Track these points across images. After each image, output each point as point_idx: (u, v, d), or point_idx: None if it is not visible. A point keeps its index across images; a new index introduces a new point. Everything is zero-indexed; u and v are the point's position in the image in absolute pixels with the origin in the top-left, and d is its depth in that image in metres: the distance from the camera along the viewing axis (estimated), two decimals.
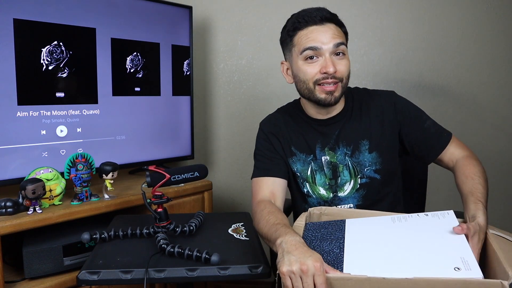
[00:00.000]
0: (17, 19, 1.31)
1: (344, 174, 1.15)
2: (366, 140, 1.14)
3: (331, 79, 1.06)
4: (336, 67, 1.06)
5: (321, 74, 1.06)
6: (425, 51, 1.89)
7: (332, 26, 1.07)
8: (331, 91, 1.07)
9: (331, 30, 1.06)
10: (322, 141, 1.16)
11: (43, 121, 1.41)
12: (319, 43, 1.05)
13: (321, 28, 1.06)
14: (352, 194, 1.15)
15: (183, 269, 0.87)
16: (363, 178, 1.14)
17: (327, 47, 1.05)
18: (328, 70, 1.05)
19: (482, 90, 1.89)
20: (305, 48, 1.07)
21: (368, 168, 1.14)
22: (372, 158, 1.14)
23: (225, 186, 2.13)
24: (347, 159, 1.14)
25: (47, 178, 1.29)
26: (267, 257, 0.95)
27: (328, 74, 1.05)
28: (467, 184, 1.00)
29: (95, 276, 0.86)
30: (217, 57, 2.06)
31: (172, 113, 1.80)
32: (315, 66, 1.07)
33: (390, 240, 0.86)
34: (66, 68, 1.45)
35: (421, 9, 1.87)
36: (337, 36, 1.07)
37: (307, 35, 1.07)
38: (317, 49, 1.06)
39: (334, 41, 1.05)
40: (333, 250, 0.85)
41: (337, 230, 0.93)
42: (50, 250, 1.24)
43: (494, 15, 1.84)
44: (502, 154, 1.92)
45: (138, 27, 1.64)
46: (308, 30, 1.07)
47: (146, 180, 0.98)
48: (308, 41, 1.06)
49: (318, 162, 1.16)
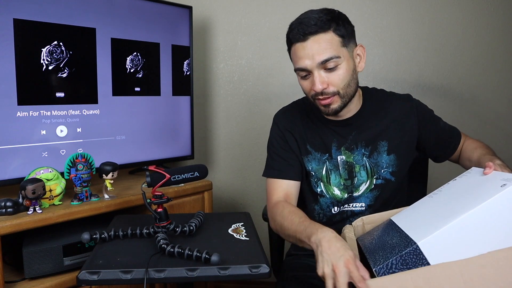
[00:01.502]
0: (17, 19, 1.31)
1: (361, 175, 1.14)
2: (385, 141, 1.14)
3: (322, 96, 1.04)
4: (327, 81, 1.02)
5: (313, 91, 1.04)
6: (425, 51, 1.89)
7: (318, 38, 1.00)
8: (327, 104, 1.05)
9: (316, 45, 1.00)
10: (338, 141, 1.15)
11: (43, 121, 1.41)
12: (304, 63, 1.02)
13: (306, 45, 1.01)
14: (366, 194, 1.15)
15: (183, 269, 0.87)
16: (378, 179, 1.14)
17: (312, 66, 1.01)
18: (314, 88, 1.03)
19: (482, 90, 1.89)
20: (296, 69, 1.06)
21: (385, 170, 1.14)
22: (389, 160, 1.14)
23: (225, 186, 2.13)
24: (365, 160, 1.14)
25: (47, 178, 1.29)
26: (267, 257, 0.95)
27: (317, 92, 1.03)
28: (476, 153, 1.11)
29: (95, 276, 0.86)
30: (217, 57, 2.06)
31: (172, 113, 1.80)
32: (308, 83, 1.06)
33: (443, 212, 0.84)
34: (66, 68, 1.45)
35: (421, 9, 1.87)
36: (323, 51, 1.00)
37: (295, 53, 1.04)
38: (305, 70, 1.03)
39: (318, 58, 1.00)
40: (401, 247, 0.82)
41: (392, 230, 0.90)
42: (50, 250, 1.24)
43: (494, 15, 1.84)
44: (502, 154, 1.91)
45: (138, 27, 1.64)
46: (295, 47, 1.04)
47: (146, 180, 0.98)
48: (296, 61, 1.04)
49: (334, 162, 1.15)
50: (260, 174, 1.28)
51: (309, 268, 1.18)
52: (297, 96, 1.24)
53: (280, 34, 2.00)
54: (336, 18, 1.03)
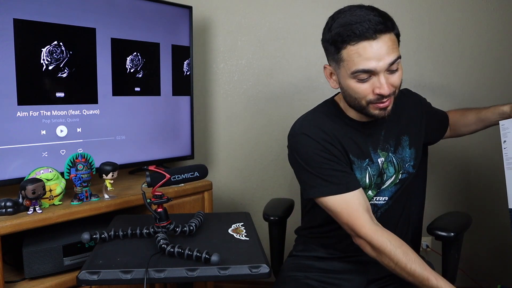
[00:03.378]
0: (17, 19, 1.31)
1: (390, 171, 1.13)
2: (406, 135, 1.15)
3: (384, 99, 0.98)
4: (390, 84, 0.97)
5: (374, 95, 0.97)
6: (425, 51, 1.89)
7: (386, 37, 0.93)
8: (385, 107, 1.00)
9: (386, 45, 0.93)
10: (372, 143, 1.11)
11: (43, 121, 1.41)
12: (373, 64, 0.93)
13: (375, 45, 0.92)
14: (390, 188, 1.14)
15: (183, 269, 0.87)
16: (404, 173, 1.14)
17: (381, 68, 0.93)
18: (382, 92, 0.95)
19: (482, 90, 1.89)
20: (358, 70, 0.94)
21: (408, 164, 1.15)
22: (411, 153, 1.15)
23: (225, 186, 2.13)
24: (391, 156, 1.13)
25: (47, 178, 1.29)
26: (267, 257, 0.95)
27: (385, 95, 0.97)
28: (468, 116, 1.27)
29: (95, 276, 0.86)
30: (217, 57, 2.06)
31: (172, 113, 1.80)
32: (367, 86, 0.97)
33: None
34: (66, 68, 1.45)
35: (421, 9, 1.87)
36: (392, 51, 0.94)
37: (359, 52, 0.93)
38: (371, 71, 0.94)
39: (390, 59, 0.93)
40: None
41: None
42: (50, 250, 1.24)
43: (494, 15, 1.84)
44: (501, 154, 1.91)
45: (138, 27, 1.64)
46: (360, 46, 0.92)
47: (146, 180, 0.98)
48: (361, 61, 0.93)
49: (376, 166, 1.10)
50: (260, 174, 1.28)
51: (308, 269, 1.18)
52: (297, 96, 1.24)
53: (280, 34, 2.01)
54: (390, 16, 0.98)
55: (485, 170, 1.92)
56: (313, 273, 1.16)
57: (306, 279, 1.14)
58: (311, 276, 1.15)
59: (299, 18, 1.94)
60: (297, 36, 1.97)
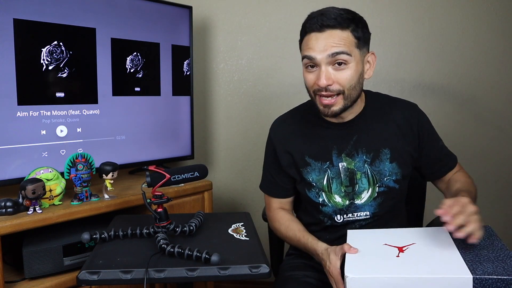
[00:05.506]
0: (17, 19, 1.31)
1: (362, 182, 1.11)
2: (387, 149, 1.11)
3: (325, 92, 1.02)
4: (333, 79, 1.00)
5: (317, 85, 1.03)
6: (425, 51, 1.89)
7: (334, 33, 0.99)
8: (328, 105, 1.03)
9: (330, 38, 0.99)
10: (339, 147, 1.12)
11: (43, 121, 1.41)
12: (314, 52, 1.00)
13: (319, 36, 1.00)
14: (369, 202, 1.12)
15: (183, 269, 0.87)
16: (381, 187, 1.12)
17: (321, 57, 1.00)
18: (319, 83, 1.01)
19: (482, 90, 1.89)
20: (303, 56, 1.04)
21: (388, 178, 1.11)
22: (392, 168, 1.11)
23: (225, 186, 2.13)
24: (366, 167, 1.11)
25: (47, 178, 1.29)
26: (267, 257, 0.95)
27: (321, 87, 1.01)
28: (456, 185, 1.11)
29: (95, 276, 0.86)
30: (217, 57, 2.06)
31: (172, 113, 1.80)
32: (312, 76, 1.04)
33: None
34: (66, 68, 1.45)
35: (421, 9, 1.87)
36: (336, 44, 0.99)
37: (307, 42, 1.03)
38: (312, 59, 1.01)
39: (330, 50, 0.99)
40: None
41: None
42: (50, 250, 1.24)
43: (494, 15, 1.84)
44: (502, 154, 1.91)
45: (138, 27, 1.64)
46: (309, 37, 1.02)
47: (146, 180, 0.98)
48: (306, 49, 1.03)
49: (335, 169, 1.12)
50: (260, 174, 1.28)
51: (306, 268, 1.18)
52: (297, 96, 1.25)
53: (280, 34, 2.01)
54: (357, 20, 1.03)
55: (485, 170, 1.92)
56: (311, 272, 1.16)
57: (305, 277, 1.14)
58: (310, 275, 1.15)
59: (299, 18, 1.94)
60: (297, 36, 1.96)
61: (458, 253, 0.84)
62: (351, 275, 0.81)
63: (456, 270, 0.78)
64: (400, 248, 0.89)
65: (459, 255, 0.83)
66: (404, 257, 0.85)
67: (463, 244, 0.87)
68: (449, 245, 0.88)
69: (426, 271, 0.79)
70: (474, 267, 0.78)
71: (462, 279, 0.76)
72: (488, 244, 0.88)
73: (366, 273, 0.81)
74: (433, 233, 0.95)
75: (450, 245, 0.88)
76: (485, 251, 0.85)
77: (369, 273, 0.81)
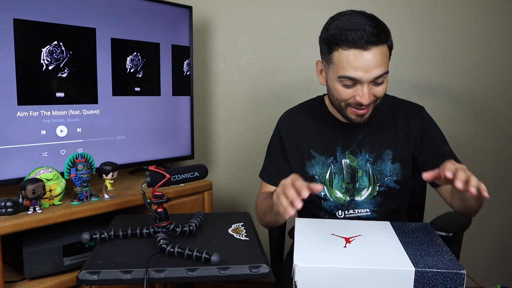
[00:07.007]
0: (17, 19, 1.31)
1: (363, 180, 1.13)
2: (390, 149, 1.13)
3: (362, 106, 1.01)
4: (372, 94, 1.00)
5: (354, 101, 1.01)
6: (425, 51, 1.89)
7: (377, 50, 0.95)
8: (362, 114, 1.04)
9: (376, 58, 0.95)
10: (344, 144, 1.14)
11: (43, 121, 1.41)
12: (360, 74, 0.96)
13: (365, 55, 0.95)
14: (369, 200, 1.14)
15: (183, 269, 0.87)
16: (381, 186, 1.13)
17: (367, 79, 0.97)
18: (362, 102, 0.99)
19: (482, 90, 1.89)
20: (344, 76, 0.98)
21: (389, 178, 1.13)
22: (394, 168, 1.13)
23: (225, 186, 2.13)
24: (368, 166, 1.13)
25: (47, 178, 1.29)
26: (267, 257, 0.95)
27: (364, 104, 1.00)
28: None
29: (95, 276, 0.86)
30: (217, 57, 2.06)
31: (172, 113, 1.80)
32: (350, 91, 1.00)
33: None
34: (66, 68, 1.45)
35: (421, 9, 1.88)
36: (380, 65, 0.96)
37: (348, 59, 0.96)
38: (356, 80, 0.98)
39: (377, 72, 0.96)
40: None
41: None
42: (50, 250, 1.24)
43: (494, 15, 1.84)
44: (502, 154, 1.92)
45: (138, 27, 1.64)
46: (350, 53, 0.95)
47: (146, 180, 0.98)
48: (349, 68, 0.96)
49: (338, 165, 1.14)
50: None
51: None
52: (297, 96, 1.25)
53: (280, 34, 2.01)
54: (387, 29, 1.00)
55: (485, 170, 1.92)
56: None
57: None
58: None
59: (299, 18, 1.94)
60: (297, 36, 1.97)
61: (402, 247, 0.89)
62: (300, 264, 0.82)
63: (400, 263, 0.82)
64: (347, 239, 0.93)
65: (402, 249, 0.88)
66: (350, 248, 0.89)
67: (405, 239, 0.94)
68: (393, 239, 0.93)
69: (372, 263, 0.82)
70: (416, 260, 0.83)
71: (405, 271, 0.80)
72: (429, 240, 0.94)
73: (315, 263, 0.83)
74: (378, 227, 1.00)
75: (394, 239, 0.93)
76: (425, 246, 0.91)
77: (318, 263, 0.83)
